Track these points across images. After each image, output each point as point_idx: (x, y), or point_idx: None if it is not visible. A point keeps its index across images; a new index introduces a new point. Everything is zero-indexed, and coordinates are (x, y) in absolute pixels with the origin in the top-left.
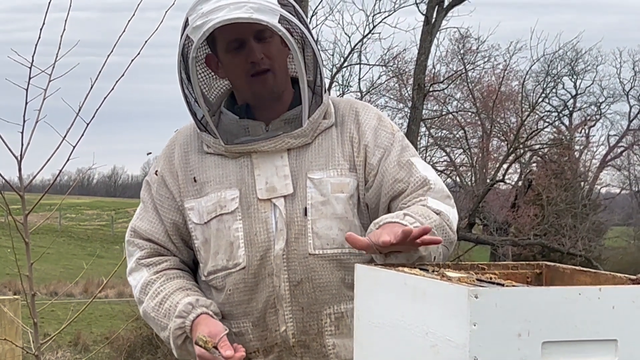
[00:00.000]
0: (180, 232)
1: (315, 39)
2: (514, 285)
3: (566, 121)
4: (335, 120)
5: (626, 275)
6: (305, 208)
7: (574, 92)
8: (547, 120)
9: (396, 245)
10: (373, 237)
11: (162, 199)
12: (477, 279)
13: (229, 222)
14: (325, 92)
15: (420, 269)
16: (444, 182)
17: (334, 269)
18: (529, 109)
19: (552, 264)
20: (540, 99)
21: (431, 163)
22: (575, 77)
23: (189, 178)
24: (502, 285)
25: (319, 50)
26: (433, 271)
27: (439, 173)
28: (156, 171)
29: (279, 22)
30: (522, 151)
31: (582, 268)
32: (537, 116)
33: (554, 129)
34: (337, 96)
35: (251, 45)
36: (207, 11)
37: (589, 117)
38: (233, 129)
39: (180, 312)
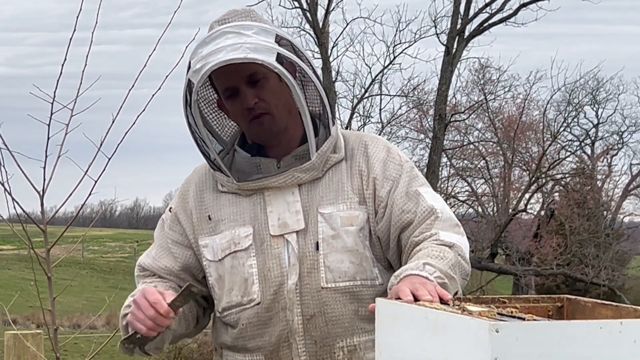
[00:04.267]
0: (191, 269)
1: (317, 73)
2: (535, 319)
3: (588, 150)
4: (345, 154)
5: None
6: (317, 242)
7: (595, 121)
8: (569, 149)
9: None
10: (393, 294)
11: (175, 235)
12: (498, 313)
13: (242, 258)
14: (333, 124)
15: (441, 303)
16: (465, 212)
17: (347, 302)
18: (550, 139)
19: (574, 297)
20: (562, 128)
21: (453, 193)
22: (596, 106)
23: (204, 216)
24: (523, 319)
25: (321, 83)
26: (454, 305)
27: (460, 203)
28: (170, 208)
29: (276, 60)
30: (544, 181)
31: (603, 301)
32: (558, 145)
33: (576, 158)
34: (359, 127)
35: (244, 92)
36: (206, 54)
37: (611, 146)
38: (245, 167)
39: (132, 294)
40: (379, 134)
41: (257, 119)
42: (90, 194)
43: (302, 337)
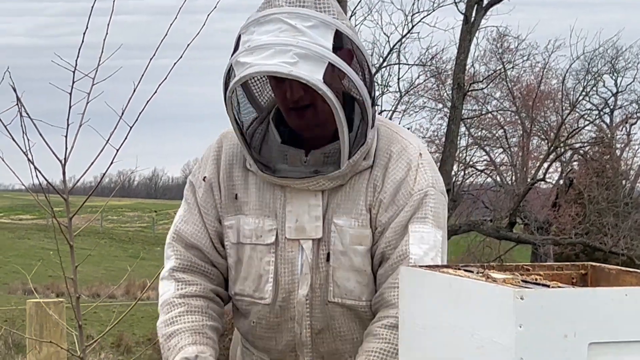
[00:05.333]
0: (222, 240)
1: (367, 78)
2: (559, 287)
3: (607, 119)
4: (372, 162)
5: None
6: (328, 253)
7: (614, 90)
8: (588, 118)
9: None
10: None
11: (208, 207)
12: (522, 280)
13: (262, 253)
14: (371, 128)
15: (465, 271)
16: (484, 181)
17: (354, 317)
18: (569, 108)
19: (598, 264)
20: (581, 97)
21: (471, 163)
22: (616, 74)
23: (232, 194)
24: (548, 286)
25: (370, 93)
26: (478, 272)
27: (478, 173)
28: (204, 177)
29: (326, 70)
30: (562, 150)
31: (628, 269)
32: (577, 114)
33: (595, 127)
34: (377, 97)
35: (289, 83)
36: (254, 46)
37: (630, 115)
38: (273, 152)
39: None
40: (397, 104)
41: (299, 111)
42: (112, 162)
43: (309, 350)
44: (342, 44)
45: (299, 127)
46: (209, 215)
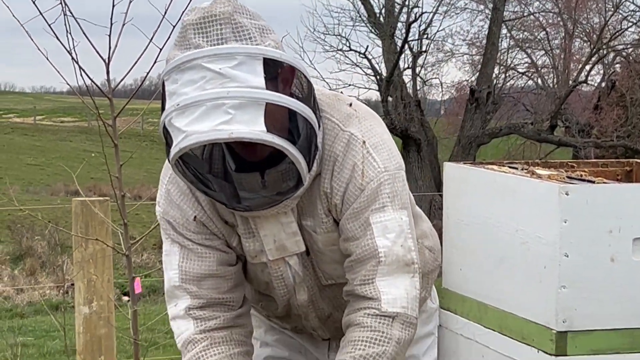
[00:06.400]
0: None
1: (305, 89)
2: (604, 182)
3: None
4: (320, 167)
5: None
6: (307, 250)
7: None
8: (631, 20)
9: None
10: None
11: (208, 235)
12: (567, 177)
13: (260, 267)
14: (318, 133)
15: (510, 167)
16: (525, 84)
17: None
18: (612, 9)
19: None
20: None
21: (512, 65)
22: None
23: (222, 221)
24: (593, 182)
25: (310, 106)
26: (522, 169)
27: (520, 75)
28: (194, 217)
29: (266, 112)
30: (605, 52)
31: None
32: (620, 16)
33: (639, 29)
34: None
35: None
36: (183, 104)
37: None
38: (229, 178)
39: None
40: (438, 5)
41: (247, 147)
42: (156, 61)
43: (321, 329)
44: (275, 72)
45: (249, 158)
46: (212, 240)
